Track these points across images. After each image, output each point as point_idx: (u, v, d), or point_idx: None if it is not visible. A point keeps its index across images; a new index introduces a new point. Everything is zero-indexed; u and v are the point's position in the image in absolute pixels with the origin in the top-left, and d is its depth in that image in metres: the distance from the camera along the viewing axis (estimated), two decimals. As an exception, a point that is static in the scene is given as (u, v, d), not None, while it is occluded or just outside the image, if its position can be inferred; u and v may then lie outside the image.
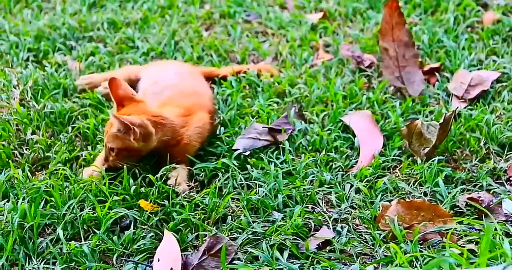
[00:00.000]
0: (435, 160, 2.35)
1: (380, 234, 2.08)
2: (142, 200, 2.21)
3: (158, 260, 2.00)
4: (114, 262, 2.04)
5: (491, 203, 2.20)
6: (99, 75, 2.89)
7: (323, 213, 2.19)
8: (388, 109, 2.66)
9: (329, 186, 2.31)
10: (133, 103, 2.38)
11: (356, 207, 2.22)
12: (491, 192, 2.27)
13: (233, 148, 2.45)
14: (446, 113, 2.43)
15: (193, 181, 2.36)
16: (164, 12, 3.53)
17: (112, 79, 2.38)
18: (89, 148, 2.52)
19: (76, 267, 2.03)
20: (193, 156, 2.43)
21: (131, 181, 2.28)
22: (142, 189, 2.26)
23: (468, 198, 2.21)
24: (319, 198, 2.26)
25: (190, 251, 2.07)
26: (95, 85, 2.82)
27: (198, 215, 2.18)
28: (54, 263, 2.04)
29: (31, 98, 2.79)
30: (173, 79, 2.66)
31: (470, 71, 2.86)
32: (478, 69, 2.89)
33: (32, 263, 2.04)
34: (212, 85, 2.86)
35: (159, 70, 2.77)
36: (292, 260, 2.02)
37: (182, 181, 2.31)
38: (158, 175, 2.30)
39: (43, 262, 2.04)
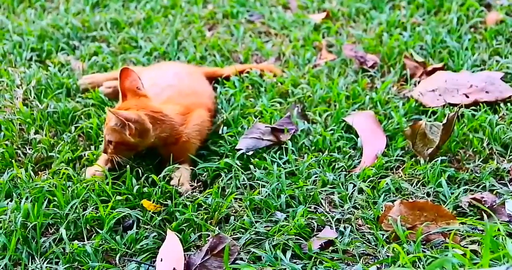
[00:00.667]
0: (438, 160, 2.35)
1: (383, 235, 2.08)
2: (145, 200, 2.21)
3: (161, 260, 2.00)
4: (117, 262, 2.04)
5: (494, 204, 2.20)
6: (101, 75, 2.90)
7: (326, 213, 2.19)
8: (391, 109, 2.66)
9: (332, 186, 2.30)
10: (136, 97, 2.38)
11: (359, 207, 2.22)
12: (494, 193, 2.27)
13: (236, 147, 2.45)
14: (449, 114, 2.43)
15: (196, 181, 2.36)
16: (167, 12, 3.53)
17: (124, 69, 2.39)
18: (92, 147, 2.53)
19: (79, 266, 2.03)
20: (196, 156, 2.43)
21: (134, 180, 2.28)
22: (145, 189, 2.26)
23: (471, 199, 2.21)
24: (322, 198, 2.26)
25: (193, 251, 2.07)
26: (97, 84, 2.83)
27: (201, 215, 2.18)
28: (57, 263, 2.04)
29: (34, 98, 2.79)
30: (172, 80, 2.66)
31: (473, 71, 2.86)
32: (482, 69, 2.89)
33: (35, 263, 2.04)
34: (215, 85, 2.86)
35: (159, 72, 2.77)
36: (295, 260, 2.02)
37: (185, 181, 2.32)
38: (161, 175, 2.31)
39: (46, 262, 2.04)
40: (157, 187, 2.26)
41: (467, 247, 1.98)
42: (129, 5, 3.61)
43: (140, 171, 2.34)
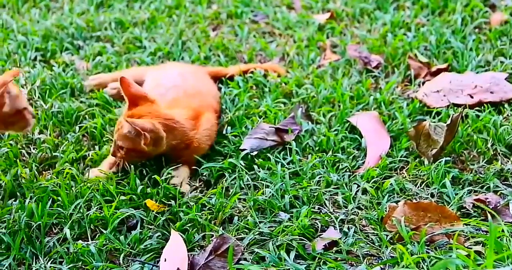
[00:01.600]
0: (442, 161, 2.34)
1: (387, 235, 2.08)
2: (149, 200, 2.21)
3: (165, 260, 2.00)
4: (121, 262, 2.04)
5: (498, 205, 2.19)
6: (108, 75, 2.89)
7: (329, 214, 2.19)
8: (395, 110, 2.66)
9: (336, 186, 2.30)
10: (147, 103, 2.37)
11: (363, 207, 2.22)
12: (498, 194, 2.27)
13: (240, 148, 2.45)
14: (453, 115, 2.43)
15: (198, 181, 2.36)
16: (172, 12, 3.53)
17: (122, 78, 2.38)
18: (96, 147, 2.53)
19: (83, 266, 2.03)
20: (200, 156, 2.43)
21: (138, 181, 2.28)
22: (149, 189, 2.26)
23: (475, 199, 2.21)
24: (326, 199, 2.25)
25: (196, 251, 2.08)
26: (104, 85, 2.82)
27: (205, 215, 2.18)
28: (61, 262, 2.04)
29: (38, 97, 2.80)
30: (177, 80, 2.65)
31: (478, 72, 2.86)
32: (486, 70, 2.89)
33: (39, 262, 2.04)
34: (219, 85, 2.86)
35: (163, 72, 2.76)
36: (298, 261, 2.02)
37: (183, 181, 2.31)
38: (163, 178, 2.30)
39: (50, 262, 2.05)
40: (159, 187, 2.26)
41: (471, 248, 1.97)
42: (133, 5, 3.61)
43: (144, 171, 2.34)
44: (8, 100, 2.14)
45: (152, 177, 2.31)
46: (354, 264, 2.00)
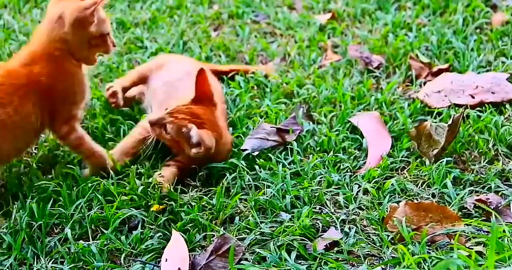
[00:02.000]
0: (443, 161, 2.34)
1: (388, 236, 2.08)
2: (155, 205, 2.21)
3: (166, 260, 2.00)
4: (122, 262, 2.04)
5: (499, 205, 2.19)
6: (128, 80, 2.79)
7: (330, 214, 2.19)
8: (396, 110, 2.66)
9: (337, 186, 2.30)
10: (210, 107, 2.37)
11: (364, 208, 2.22)
12: (499, 194, 2.26)
13: (241, 148, 2.45)
14: (454, 115, 2.43)
15: (197, 181, 2.36)
16: (173, 12, 3.53)
17: (201, 70, 2.37)
18: (98, 147, 2.53)
19: (84, 266, 2.03)
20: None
21: (137, 181, 2.29)
22: (149, 190, 2.27)
23: (476, 200, 2.21)
24: (327, 199, 2.25)
25: (197, 251, 2.08)
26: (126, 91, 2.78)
27: (206, 215, 2.18)
28: (62, 263, 2.04)
29: (40, 97, 2.79)
30: (187, 80, 2.62)
31: (479, 72, 2.86)
32: (487, 70, 2.89)
33: (40, 262, 2.04)
34: (221, 85, 2.86)
35: (168, 71, 2.73)
36: (299, 261, 2.02)
37: (167, 181, 2.31)
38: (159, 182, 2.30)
39: (51, 262, 2.05)
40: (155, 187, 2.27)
41: (472, 249, 1.97)
42: (134, 6, 3.62)
43: (143, 171, 2.35)
44: (97, 21, 2.17)
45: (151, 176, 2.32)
46: (355, 265, 2.00)
